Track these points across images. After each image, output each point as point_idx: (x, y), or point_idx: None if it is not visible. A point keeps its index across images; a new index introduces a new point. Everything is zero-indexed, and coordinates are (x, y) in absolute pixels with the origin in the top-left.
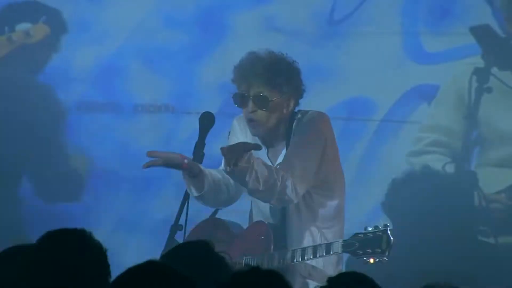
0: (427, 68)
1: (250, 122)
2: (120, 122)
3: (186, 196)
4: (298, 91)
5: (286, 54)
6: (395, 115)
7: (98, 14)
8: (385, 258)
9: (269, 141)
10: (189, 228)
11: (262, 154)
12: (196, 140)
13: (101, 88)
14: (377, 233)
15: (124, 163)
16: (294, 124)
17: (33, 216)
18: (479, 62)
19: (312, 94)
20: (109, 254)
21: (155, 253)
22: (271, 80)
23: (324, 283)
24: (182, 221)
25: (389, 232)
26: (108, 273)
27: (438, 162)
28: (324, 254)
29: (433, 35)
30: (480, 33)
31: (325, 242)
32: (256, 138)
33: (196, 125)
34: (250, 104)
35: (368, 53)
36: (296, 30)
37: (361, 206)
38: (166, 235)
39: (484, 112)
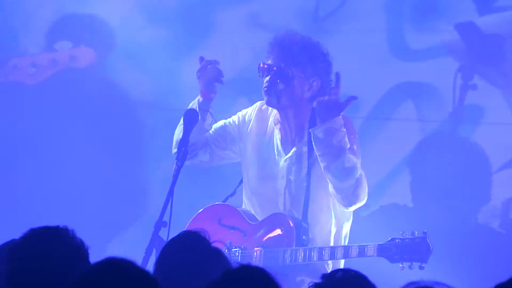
0: (411, 65)
1: (265, 91)
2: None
3: (170, 193)
4: (323, 78)
5: (322, 44)
6: (380, 113)
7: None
8: (423, 264)
9: (289, 122)
10: (177, 224)
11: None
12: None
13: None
14: (416, 240)
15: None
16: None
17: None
18: (463, 59)
19: None
20: (93, 250)
21: (139, 250)
22: (295, 56)
23: None
24: (166, 217)
25: (428, 239)
26: None
27: None
28: (357, 255)
29: (418, 32)
30: (464, 30)
31: (357, 244)
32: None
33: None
34: (270, 74)
35: (352, 50)
36: (281, 27)
37: None
38: (150, 231)
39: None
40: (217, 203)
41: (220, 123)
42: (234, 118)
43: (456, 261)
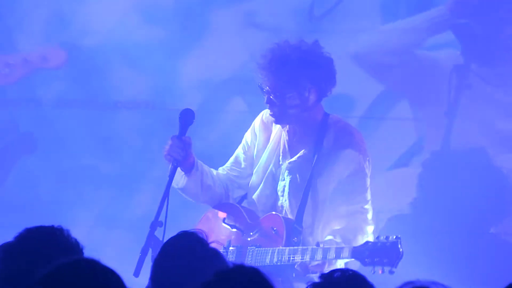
0: (407, 64)
1: (270, 114)
2: (100, 118)
3: (166, 193)
4: (318, 85)
5: (315, 48)
6: (375, 112)
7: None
8: (392, 269)
9: (298, 126)
10: (169, 224)
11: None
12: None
13: (82, 84)
14: (387, 244)
15: (104, 159)
16: (327, 131)
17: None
18: (459, 59)
19: None
20: (88, 250)
21: (135, 250)
22: (279, 72)
23: None
24: (162, 217)
25: (399, 244)
26: None
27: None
28: (334, 257)
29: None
30: (460, 29)
31: (335, 246)
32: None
33: (176, 122)
34: (266, 97)
35: (348, 49)
36: (276, 27)
37: None
38: (146, 231)
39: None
40: (224, 202)
41: (236, 157)
42: (244, 144)
43: (453, 262)
